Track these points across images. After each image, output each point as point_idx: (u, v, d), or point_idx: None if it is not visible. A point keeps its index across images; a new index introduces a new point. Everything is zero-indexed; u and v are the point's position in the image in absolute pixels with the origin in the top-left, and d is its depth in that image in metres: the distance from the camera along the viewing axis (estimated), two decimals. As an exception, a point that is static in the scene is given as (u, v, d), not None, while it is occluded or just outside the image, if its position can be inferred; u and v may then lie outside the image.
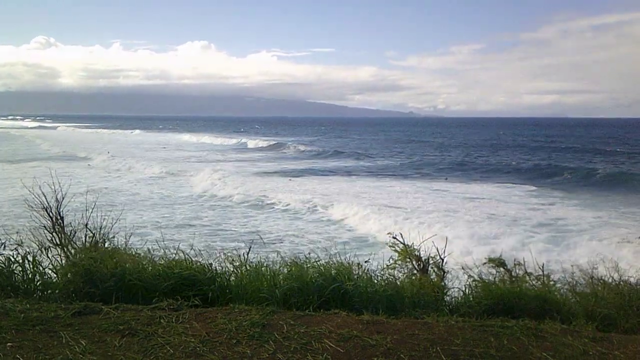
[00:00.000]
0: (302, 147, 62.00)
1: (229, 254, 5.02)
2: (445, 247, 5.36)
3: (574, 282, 4.88)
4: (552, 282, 4.84)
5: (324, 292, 4.43)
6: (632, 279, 4.96)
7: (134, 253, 5.17)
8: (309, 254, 5.10)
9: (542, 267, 4.94)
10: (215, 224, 18.14)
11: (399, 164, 47.28)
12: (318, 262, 4.88)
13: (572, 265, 5.20)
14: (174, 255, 5.06)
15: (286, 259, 5.02)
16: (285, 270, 4.75)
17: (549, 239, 18.94)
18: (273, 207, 21.79)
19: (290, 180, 33.01)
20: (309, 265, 4.81)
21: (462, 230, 19.32)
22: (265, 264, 4.92)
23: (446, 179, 37.02)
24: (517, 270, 4.98)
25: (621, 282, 4.89)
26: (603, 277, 4.98)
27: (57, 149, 53.66)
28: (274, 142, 70.88)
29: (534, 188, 31.52)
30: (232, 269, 4.86)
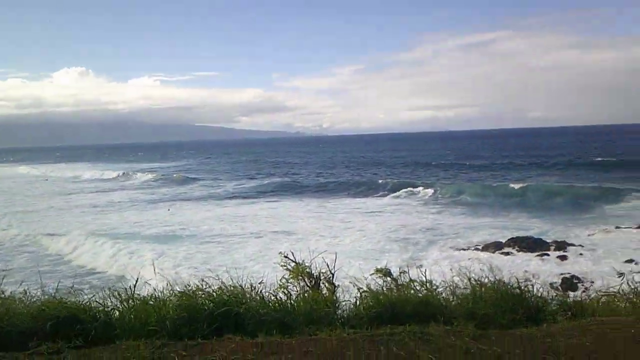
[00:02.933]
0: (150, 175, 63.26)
1: (113, 289, 4.77)
2: (335, 261, 5.48)
3: (454, 285, 5.19)
4: (434, 287, 5.11)
5: (215, 319, 4.35)
6: (505, 279, 5.36)
7: (5, 296, 4.75)
8: (202, 280, 4.98)
9: (425, 273, 5.21)
10: None
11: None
12: (210, 288, 4.79)
13: (451, 269, 5.54)
14: (52, 294, 4.71)
15: (176, 287, 4.86)
16: (175, 300, 4.60)
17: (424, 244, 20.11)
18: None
19: (168, 209, 33.75)
20: (199, 292, 4.70)
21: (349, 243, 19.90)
22: (153, 295, 4.73)
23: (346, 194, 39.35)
24: (403, 278, 5.21)
25: (496, 282, 5.27)
26: (480, 279, 5.33)
27: None
28: (121, 173, 70.64)
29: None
30: (116, 304, 4.62)
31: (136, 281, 4.87)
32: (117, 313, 4.54)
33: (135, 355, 3.71)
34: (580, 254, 18.94)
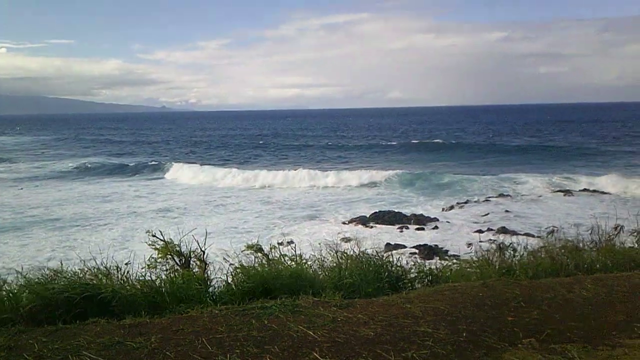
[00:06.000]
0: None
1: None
2: (206, 239, 5.44)
3: (322, 258, 5.41)
4: (304, 261, 5.29)
5: (76, 303, 4.14)
6: (369, 251, 5.70)
7: None
8: (60, 264, 4.70)
9: (295, 247, 5.36)
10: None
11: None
12: (69, 272, 4.53)
13: (319, 243, 5.75)
14: None
15: (29, 274, 4.54)
16: (29, 286, 4.30)
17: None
18: None
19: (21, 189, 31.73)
20: (57, 276, 4.43)
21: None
22: (4, 282, 4.39)
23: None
24: (274, 253, 5.32)
25: (360, 254, 5.58)
26: (346, 251, 5.62)
27: None
28: None
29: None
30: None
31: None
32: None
33: (-12, 345, 3.43)
34: (436, 227, 20.49)
